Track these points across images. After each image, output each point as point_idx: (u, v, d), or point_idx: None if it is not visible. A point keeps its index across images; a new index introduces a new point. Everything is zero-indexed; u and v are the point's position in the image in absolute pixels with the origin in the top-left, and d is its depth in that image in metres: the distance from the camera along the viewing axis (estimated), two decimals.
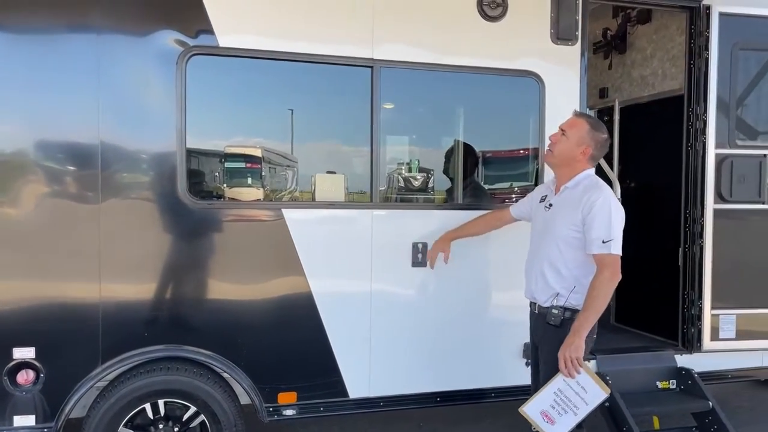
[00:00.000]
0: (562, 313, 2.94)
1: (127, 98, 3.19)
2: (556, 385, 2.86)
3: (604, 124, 3.14)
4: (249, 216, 3.47)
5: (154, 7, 3.21)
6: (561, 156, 3.02)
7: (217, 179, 3.58)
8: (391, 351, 3.63)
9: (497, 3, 3.70)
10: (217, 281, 3.35)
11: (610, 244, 2.79)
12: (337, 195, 3.61)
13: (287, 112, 3.70)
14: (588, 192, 2.91)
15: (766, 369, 4.42)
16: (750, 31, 4.11)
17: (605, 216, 2.82)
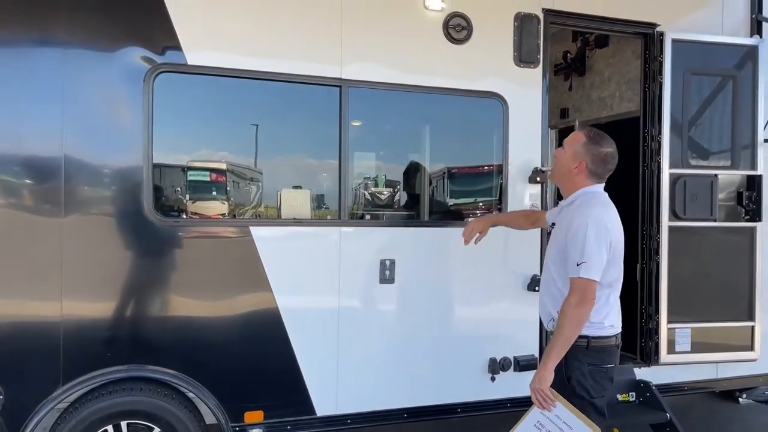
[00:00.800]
0: None
1: (92, 113, 3.17)
2: (534, 418, 2.69)
3: (610, 139, 2.88)
4: (216, 233, 3.46)
5: (121, 23, 3.20)
6: (557, 171, 2.92)
7: (182, 195, 3.55)
8: (359, 368, 3.64)
9: (462, 26, 3.81)
10: (183, 299, 3.32)
11: (581, 267, 2.61)
12: (302, 210, 3.62)
13: (254, 128, 3.71)
14: (576, 210, 2.76)
15: (720, 381, 4.58)
16: (700, 57, 4.32)
17: (581, 237, 2.64)
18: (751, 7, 4.54)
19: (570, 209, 2.81)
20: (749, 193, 4.41)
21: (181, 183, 3.50)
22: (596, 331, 2.72)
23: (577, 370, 2.70)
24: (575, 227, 2.67)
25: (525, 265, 3.99)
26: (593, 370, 2.71)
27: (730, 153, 4.42)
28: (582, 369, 2.70)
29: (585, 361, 2.70)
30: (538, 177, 3.97)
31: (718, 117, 4.41)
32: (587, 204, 2.75)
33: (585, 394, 2.70)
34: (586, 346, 2.70)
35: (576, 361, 2.70)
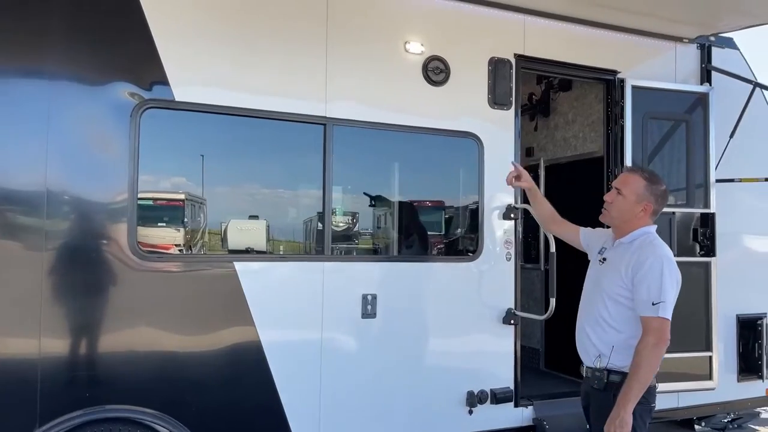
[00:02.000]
0: (605, 375, 2.72)
1: (77, 147, 3.13)
2: None
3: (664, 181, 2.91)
4: (200, 269, 3.44)
5: (110, 57, 3.20)
6: (621, 216, 2.82)
7: (165, 231, 3.53)
8: (341, 403, 3.64)
9: (440, 69, 3.97)
10: (166, 336, 3.26)
11: (659, 306, 2.58)
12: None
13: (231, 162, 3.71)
14: (641, 249, 2.71)
15: (681, 410, 4.77)
16: (657, 102, 4.62)
17: (656, 277, 2.61)
18: (701, 57, 4.91)
19: (631, 248, 2.75)
20: (704, 230, 4.70)
21: (166, 219, 3.48)
22: None
23: None
24: (648, 266, 2.63)
25: (500, 300, 4.10)
26: (642, 410, 2.67)
27: (686, 192, 4.71)
28: (634, 410, 2.62)
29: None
30: (511, 213, 4.13)
31: (674, 158, 4.71)
32: (653, 244, 2.73)
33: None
34: None
35: None
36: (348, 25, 3.74)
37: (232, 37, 3.45)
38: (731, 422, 5.28)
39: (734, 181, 4.79)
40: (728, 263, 4.78)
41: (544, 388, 4.68)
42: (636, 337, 2.67)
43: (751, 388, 5.03)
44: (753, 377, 5.00)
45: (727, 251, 4.80)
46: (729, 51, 5.03)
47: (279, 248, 3.74)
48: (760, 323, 4.99)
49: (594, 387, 2.78)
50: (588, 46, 4.50)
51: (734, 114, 4.74)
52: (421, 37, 3.93)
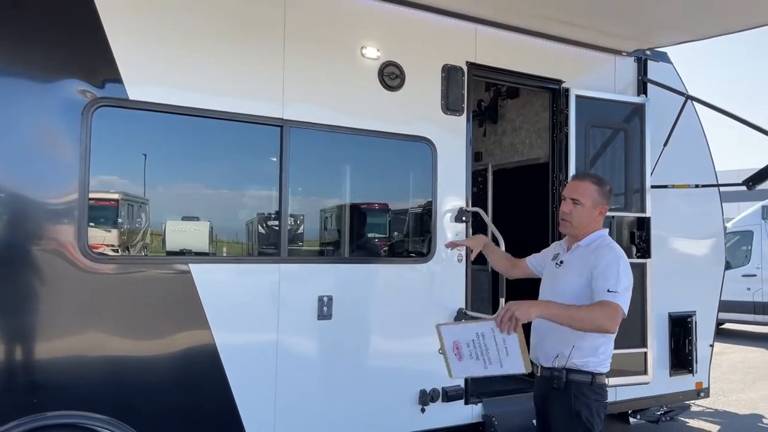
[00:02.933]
0: (564, 375, 2.80)
1: (24, 145, 3.02)
2: (482, 328, 2.60)
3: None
4: (154, 271, 3.38)
5: (61, 54, 3.11)
6: (579, 220, 2.90)
7: (115, 230, 3.44)
8: (296, 404, 3.65)
9: (396, 74, 4.05)
10: (117, 339, 3.19)
11: (616, 294, 2.64)
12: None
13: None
14: (599, 250, 2.83)
15: (618, 403, 5.03)
16: (598, 112, 4.87)
17: (613, 272, 2.71)
18: (638, 70, 5.20)
19: (588, 250, 2.86)
20: (640, 233, 4.98)
21: (118, 219, 3.40)
22: (600, 367, 2.81)
23: (585, 407, 2.76)
24: (606, 263, 2.73)
25: (452, 300, 4.22)
26: (598, 406, 2.79)
27: (624, 197, 4.99)
28: (590, 405, 2.76)
29: (591, 397, 2.78)
30: (463, 216, 4.25)
31: (614, 165, 4.98)
32: (610, 246, 2.86)
33: (591, 427, 2.75)
34: (590, 383, 2.78)
35: (583, 397, 2.77)
36: (306, 29, 3.76)
37: (189, 36, 3.42)
38: (664, 415, 5.60)
39: (668, 187, 5.10)
40: (662, 264, 5.08)
41: (492, 387, 4.81)
42: (589, 338, 2.74)
43: (682, 382, 5.37)
44: (684, 372, 5.32)
45: (661, 253, 5.10)
46: (663, 65, 5.36)
47: (234, 250, 3.71)
48: (690, 320, 5.32)
49: (554, 387, 2.83)
50: (535, 56, 4.69)
51: (668, 124, 5.05)
52: (377, 43, 4.00)
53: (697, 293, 5.48)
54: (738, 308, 11.64)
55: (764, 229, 11.70)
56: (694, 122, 5.47)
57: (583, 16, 4.45)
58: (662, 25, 4.65)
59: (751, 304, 11.55)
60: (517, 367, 2.58)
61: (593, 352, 2.79)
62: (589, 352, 2.78)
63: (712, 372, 8.32)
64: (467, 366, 2.68)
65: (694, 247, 5.58)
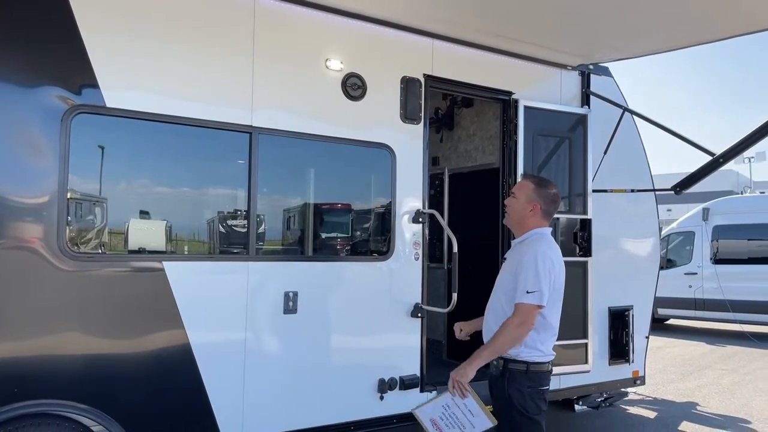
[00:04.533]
0: (501, 363, 3.06)
1: (7, 149, 3.20)
2: (445, 401, 3.06)
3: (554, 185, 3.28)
4: (128, 268, 3.58)
5: (42, 62, 3.29)
6: (515, 216, 3.20)
7: (93, 230, 3.63)
8: (263, 393, 3.90)
9: (358, 85, 4.35)
10: (95, 333, 3.39)
11: (534, 294, 2.93)
12: (211, 245, 3.86)
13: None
14: (526, 247, 3.09)
15: (562, 390, 5.43)
16: (545, 121, 5.26)
17: (531, 268, 2.97)
18: (582, 83, 5.63)
19: (521, 246, 3.15)
20: (582, 233, 5.40)
21: (94, 219, 3.59)
22: (535, 357, 3.04)
23: (517, 392, 3.01)
24: (525, 260, 3.01)
25: (409, 296, 4.54)
26: (532, 392, 3.02)
27: (568, 200, 5.40)
28: (522, 390, 3.01)
29: (525, 383, 3.02)
30: (420, 218, 4.57)
31: (559, 170, 5.37)
32: (537, 242, 3.10)
33: (524, 411, 3.01)
34: (525, 371, 3.02)
35: (516, 383, 3.02)
36: (274, 42, 4.02)
37: (163, 47, 3.64)
38: (604, 401, 6.07)
39: (607, 192, 5.54)
40: (603, 262, 5.51)
41: (447, 376, 5.15)
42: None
43: (620, 371, 5.82)
44: (622, 361, 5.77)
45: (602, 252, 5.53)
46: (605, 78, 5.80)
47: (204, 249, 3.94)
48: (628, 314, 5.78)
49: (494, 374, 3.12)
50: (487, 69, 5.05)
51: (610, 133, 5.48)
52: (340, 55, 4.28)
53: (635, 289, 5.95)
54: (680, 305, 12.31)
55: (704, 230, 12.37)
56: (632, 132, 5.94)
57: (531, 34, 4.83)
58: (599, 44, 5.08)
59: (693, 301, 12.20)
60: (485, 423, 2.98)
61: (524, 344, 3.03)
62: (520, 344, 3.03)
63: (655, 364, 8.96)
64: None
65: (632, 246, 6.05)
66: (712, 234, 12.19)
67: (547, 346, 3.11)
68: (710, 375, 8.47)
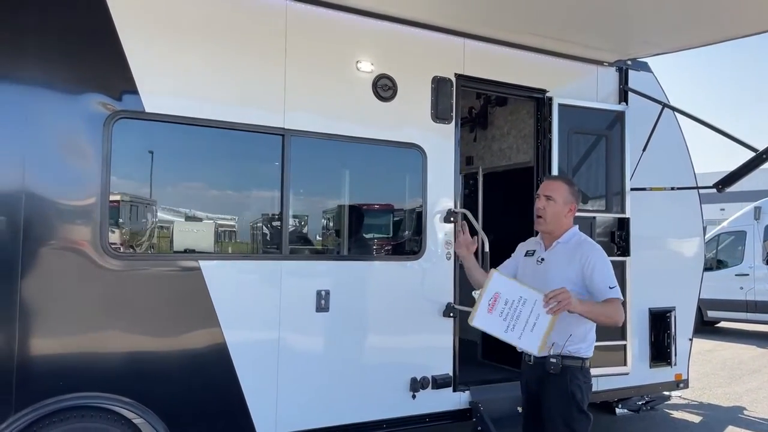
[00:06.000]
0: (561, 361, 3.06)
1: (53, 153, 3.37)
2: (528, 295, 2.87)
3: None
4: (167, 267, 3.71)
5: (85, 71, 3.46)
6: (553, 218, 3.21)
7: (133, 230, 3.78)
8: (296, 390, 3.98)
9: (388, 86, 4.38)
10: (135, 330, 3.53)
11: (615, 289, 3.03)
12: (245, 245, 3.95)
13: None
14: (581, 247, 3.15)
15: (600, 393, 5.33)
16: (580, 119, 5.18)
17: (604, 266, 3.08)
18: (620, 79, 5.51)
19: (568, 246, 3.19)
20: (620, 233, 5.29)
21: (136, 220, 3.74)
22: (587, 353, 3.16)
23: (578, 388, 3.09)
24: (595, 258, 3.08)
25: (441, 295, 4.54)
26: (586, 387, 3.13)
27: (605, 199, 5.30)
28: (581, 386, 3.10)
29: (582, 379, 3.11)
30: (451, 217, 4.58)
31: (595, 169, 5.29)
32: (588, 241, 3.22)
33: (581, 406, 3.09)
34: (581, 367, 3.12)
35: (576, 380, 3.09)
36: (305, 46, 4.10)
37: (198, 53, 3.76)
38: (645, 404, 5.92)
39: (645, 190, 5.41)
40: (643, 262, 5.38)
41: (480, 376, 5.15)
42: (580, 326, 3.08)
43: (661, 374, 5.67)
44: (663, 364, 5.62)
45: (642, 252, 5.40)
46: (644, 74, 5.66)
47: (239, 249, 4.05)
48: (669, 316, 5.63)
49: (550, 372, 3.07)
50: (520, 68, 5.01)
51: (648, 130, 5.35)
52: (371, 57, 4.33)
53: (677, 290, 5.79)
54: (731, 306, 11.91)
55: (756, 230, 11.95)
56: (674, 128, 5.78)
57: (565, 32, 4.77)
58: (636, 40, 4.97)
59: (744, 303, 11.79)
60: (532, 346, 2.86)
61: (583, 339, 3.13)
62: (579, 340, 3.12)
63: (702, 367, 8.70)
64: (491, 321, 2.88)
65: (674, 246, 5.89)
66: (764, 233, 11.73)
67: (593, 342, 3.22)
68: (760, 379, 8.16)
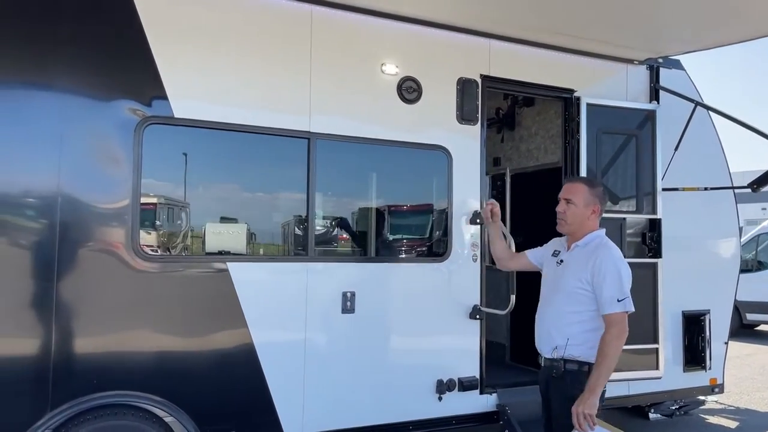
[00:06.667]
0: (563, 364, 3.07)
1: (86, 158, 3.48)
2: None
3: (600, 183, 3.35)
4: (195, 268, 3.79)
5: (116, 77, 3.56)
6: (575, 221, 3.17)
7: (163, 233, 3.87)
8: (323, 391, 4.01)
9: (413, 88, 4.39)
10: (165, 331, 3.61)
11: (624, 302, 2.93)
12: (272, 247, 4.00)
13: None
14: (597, 251, 3.06)
15: (632, 397, 5.25)
16: (609, 119, 5.09)
17: (615, 275, 2.95)
18: (650, 77, 5.41)
19: (586, 250, 3.12)
20: (651, 234, 5.19)
21: (166, 224, 3.84)
22: (591, 357, 3.03)
23: (580, 392, 2.96)
24: (605, 267, 2.98)
25: (467, 297, 4.53)
26: None
27: (636, 199, 5.20)
28: None
29: (585, 383, 2.97)
30: (477, 219, 4.56)
31: (625, 169, 5.19)
32: (607, 246, 3.10)
33: None
34: (582, 371, 3.04)
35: (579, 384, 3.00)
36: (330, 50, 4.13)
37: (225, 59, 3.83)
38: (678, 409, 5.79)
39: (678, 190, 5.29)
40: (676, 264, 5.26)
41: (509, 378, 5.11)
42: (592, 330, 3.04)
43: (695, 378, 5.54)
44: (697, 368, 5.49)
45: (675, 253, 5.28)
46: (676, 72, 5.54)
47: (267, 250, 4.11)
48: (703, 319, 5.50)
49: (553, 375, 3.12)
50: (547, 67, 4.96)
51: (681, 129, 5.24)
52: (395, 60, 4.35)
53: (712, 292, 5.64)
54: None
55: None
56: (708, 127, 5.65)
57: (592, 30, 4.71)
58: (667, 37, 4.87)
59: None
60: None
61: (584, 343, 3.08)
62: (581, 343, 3.07)
63: (741, 372, 8.47)
64: None
65: (708, 247, 5.75)
66: None
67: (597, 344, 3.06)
68: None
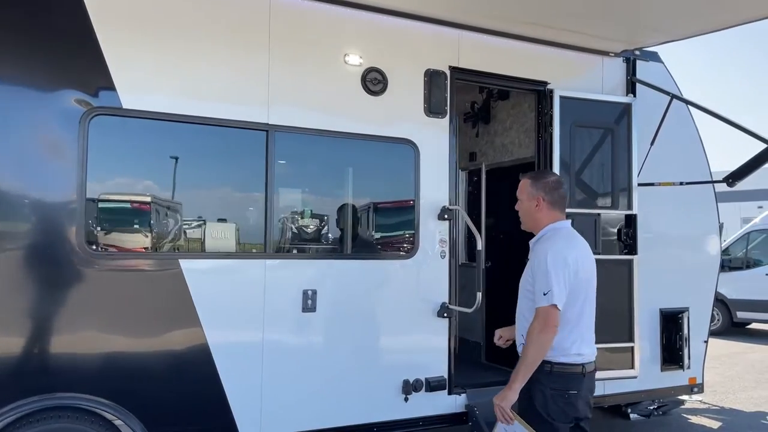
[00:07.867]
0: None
1: (27, 151, 3.33)
2: (499, 430, 2.93)
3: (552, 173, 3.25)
4: (146, 266, 3.66)
5: (60, 66, 3.41)
6: (526, 218, 3.14)
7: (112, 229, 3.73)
8: (281, 392, 3.88)
9: (378, 80, 4.26)
10: (113, 330, 3.47)
11: (548, 295, 2.84)
12: (228, 243, 3.89)
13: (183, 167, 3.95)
14: (536, 246, 3.06)
15: (607, 397, 5.13)
16: (584, 112, 4.96)
17: (543, 268, 2.89)
18: (627, 70, 5.28)
19: (537, 245, 3.07)
20: (627, 230, 5.07)
21: (114, 219, 3.70)
22: (560, 357, 2.91)
23: (539, 393, 2.90)
24: (537, 262, 2.95)
25: (435, 295, 4.40)
26: (554, 394, 2.89)
27: (611, 195, 5.08)
28: (544, 392, 2.89)
29: (548, 384, 2.90)
30: (446, 215, 4.43)
31: (600, 164, 5.07)
32: (551, 239, 3.01)
33: (546, 416, 2.89)
34: (549, 371, 2.90)
35: (539, 384, 2.90)
36: (290, 39, 4.00)
37: (178, 47, 3.69)
38: (657, 409, 5.67)
39: (654, 185, 5.17)
40: (653, 261, 5.15)
41: (482, 378, 4.99)
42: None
43: (674, 378, 5.42)
44: (675, 367, 5.37)
45: (652, 250, 5.17)
46: (653, 64, 5.42)
47: (224, 247, 3.96)
48: (681, 317, 5.37)
49: None
50: (520, 59, 4.83)
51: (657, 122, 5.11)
52: (359, 50, 4.21)
53: (691, 290, 5.53)
54: (762, 307, 11.47)
55: None
56: (687, 121, 5.53)
57: (564, 20, 4.57)
58: (643, 27, 4.74)
59: None
60: None
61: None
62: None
63: (729, 370, 8.37)
64: None
65: (687, 244, 5.63)
66: None
67: (577, 346, 2.95)
68: None
